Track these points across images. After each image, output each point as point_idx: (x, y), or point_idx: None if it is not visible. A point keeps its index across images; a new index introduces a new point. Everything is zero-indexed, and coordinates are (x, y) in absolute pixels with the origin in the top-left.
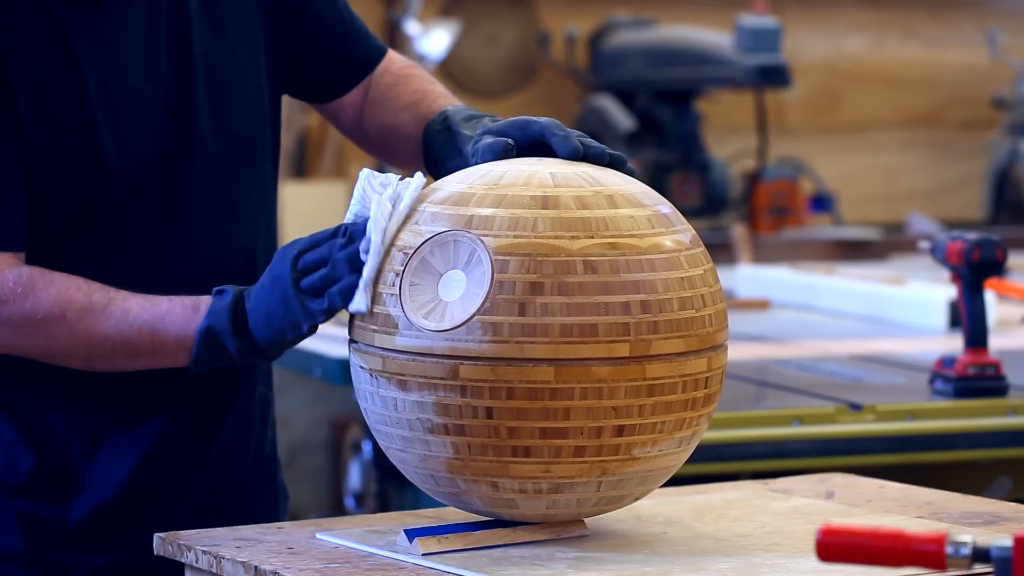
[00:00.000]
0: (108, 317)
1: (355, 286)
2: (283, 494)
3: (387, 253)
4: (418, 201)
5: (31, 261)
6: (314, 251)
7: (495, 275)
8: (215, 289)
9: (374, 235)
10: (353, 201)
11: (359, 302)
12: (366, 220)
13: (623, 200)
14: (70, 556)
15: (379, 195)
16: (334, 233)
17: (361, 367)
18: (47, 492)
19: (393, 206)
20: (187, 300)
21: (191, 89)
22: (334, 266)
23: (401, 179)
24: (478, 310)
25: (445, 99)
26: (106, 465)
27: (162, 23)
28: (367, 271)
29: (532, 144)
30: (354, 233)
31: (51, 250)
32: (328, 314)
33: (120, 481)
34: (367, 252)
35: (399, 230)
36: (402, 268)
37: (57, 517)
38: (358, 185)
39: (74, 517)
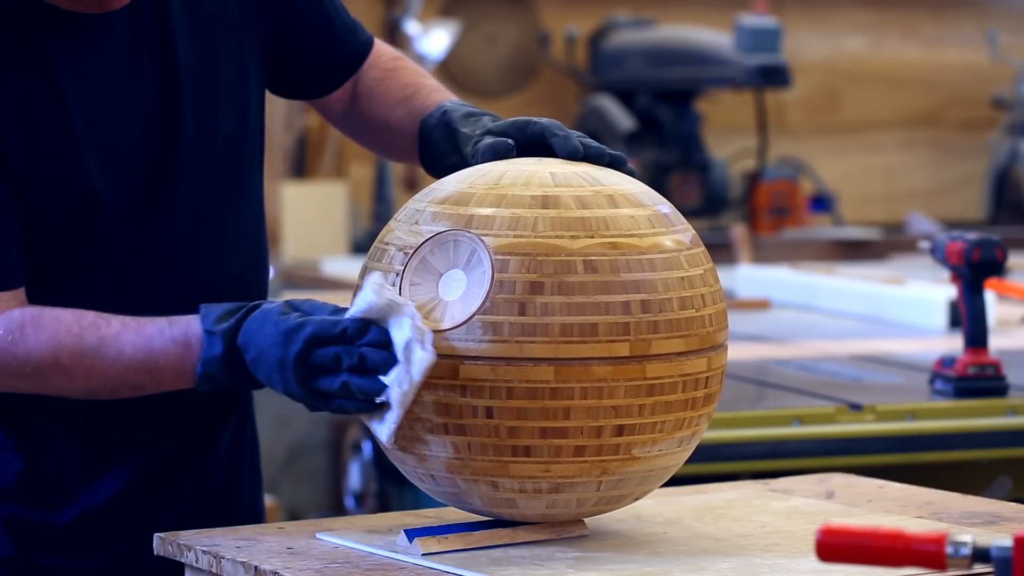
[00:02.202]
0: (103, 359)
1: (367, 409)
2: (262, 488)
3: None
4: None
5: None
6: (325, 350)
7: (495, 275)
8: (205, 330)
9: (395, 406)
10: (359, 303)
11: (383, 437)
12: (378, 331)
13: (623, 200)
14: (59, 561)
15: (399, 366)
16: (341, 335)
17: None
18: (36, 497)
19: (410, 363)
20: (176, 333)
21: (178, 110)
22: (347, 386)
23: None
24: (478, 310)
25: (438, 93)
26: (98, 474)
27: (145, 46)
28: (389, 427)
29: (532, 144)
30: (366, 357)
31: (38, 276)
32: (334, 413)
33: (112, 489)
34: (387, 396)
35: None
36: (402, 268)
37: (46, 522)
38: (366, 291)
39: (63, 522)
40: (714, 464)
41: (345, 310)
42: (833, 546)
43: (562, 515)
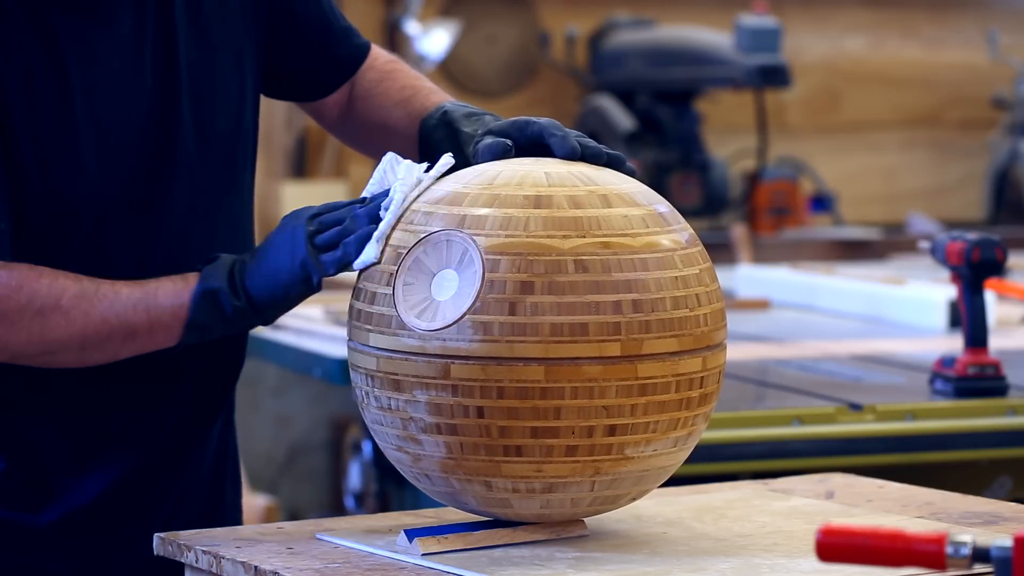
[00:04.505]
0: (101, 300)
1: (367, 238)
2: (240, 489)
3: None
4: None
5: None
6: (331, 214)
7: (486, 274)
8: (208, 258)
9: (396, 194)
10: (372, 181)
11: (370, 252)
12: (385, 193)
13: (617, 199)
14: (43, 563)
15: (401, 180)
16: (351, 202)
17: (357, 366)
18: (20, 498)
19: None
20: (176, 276)
21: (176, 100)
22: (353, 220)
23: (426, 168)
24: (469, 309)
25: (436, 95)
26: (84, 476)
27: (148, 33)
28: (384, 224)
29: (531, 144)
30: (374, 197)
31: (30, 262)
32: (339, 266)
33: (97, 490)
34: (386, 209)
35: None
36: (396, 267)
37: (30, 523)
38: (380, 167)
39: (48, 523)
40: (714, 464)
41: None
42: (833, 546)
43: (557, 515)
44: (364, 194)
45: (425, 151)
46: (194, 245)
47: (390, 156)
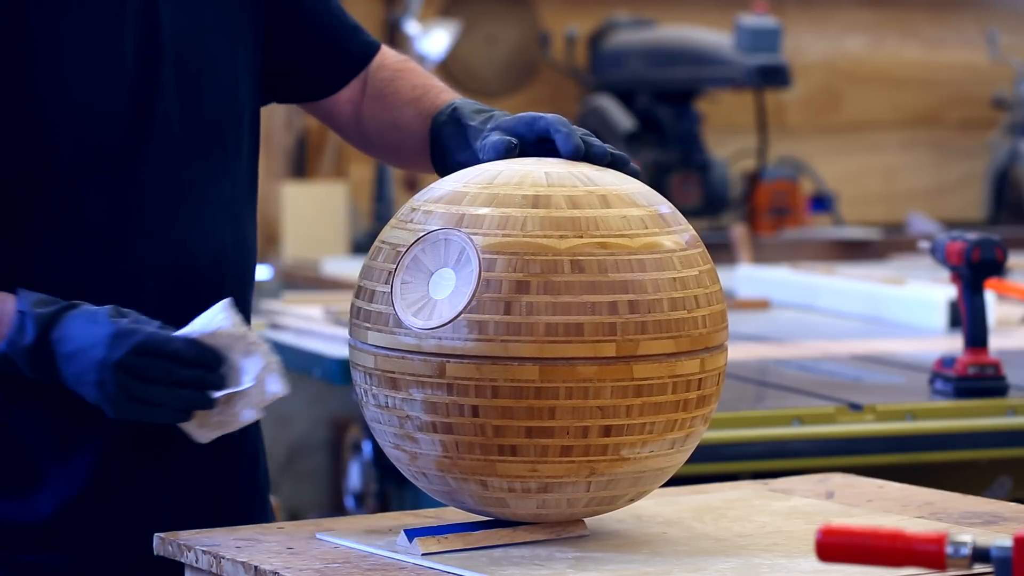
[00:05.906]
0: None
1: (181, 420)
2: (267, 486)
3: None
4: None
5: None
6: (154, 361)
7: (482, 273)
8: (19, 310)
9: (232, 426)
10: (208, 322)
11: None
12: (212, 353)
13: (617, 200)
14: (37, 557)
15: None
16: (174, 351)
17: (356, 364)
18: (9, 491)
19: (264, 391)
20: (7, 306)
21: (156, 71)
22: (175, 397)
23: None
24: (465, 308)
25: (446, 93)
26: (68, 461)
27: (127, 5)
28: (210, 434)
29: (539, 140)
30: (203, 378)
31: (5, 233)
32: (140, 420)
33: (84, 477)
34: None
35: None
36: (395, 266)
37: (21, 517)
38: (215, 314)
39: (39, 517)
40: (714, 464)
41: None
42: (833, 546)
43: (554, 515)
44: (189, 333)
45: (435, 148)
46: (179, 222)
47: (227, 306)
